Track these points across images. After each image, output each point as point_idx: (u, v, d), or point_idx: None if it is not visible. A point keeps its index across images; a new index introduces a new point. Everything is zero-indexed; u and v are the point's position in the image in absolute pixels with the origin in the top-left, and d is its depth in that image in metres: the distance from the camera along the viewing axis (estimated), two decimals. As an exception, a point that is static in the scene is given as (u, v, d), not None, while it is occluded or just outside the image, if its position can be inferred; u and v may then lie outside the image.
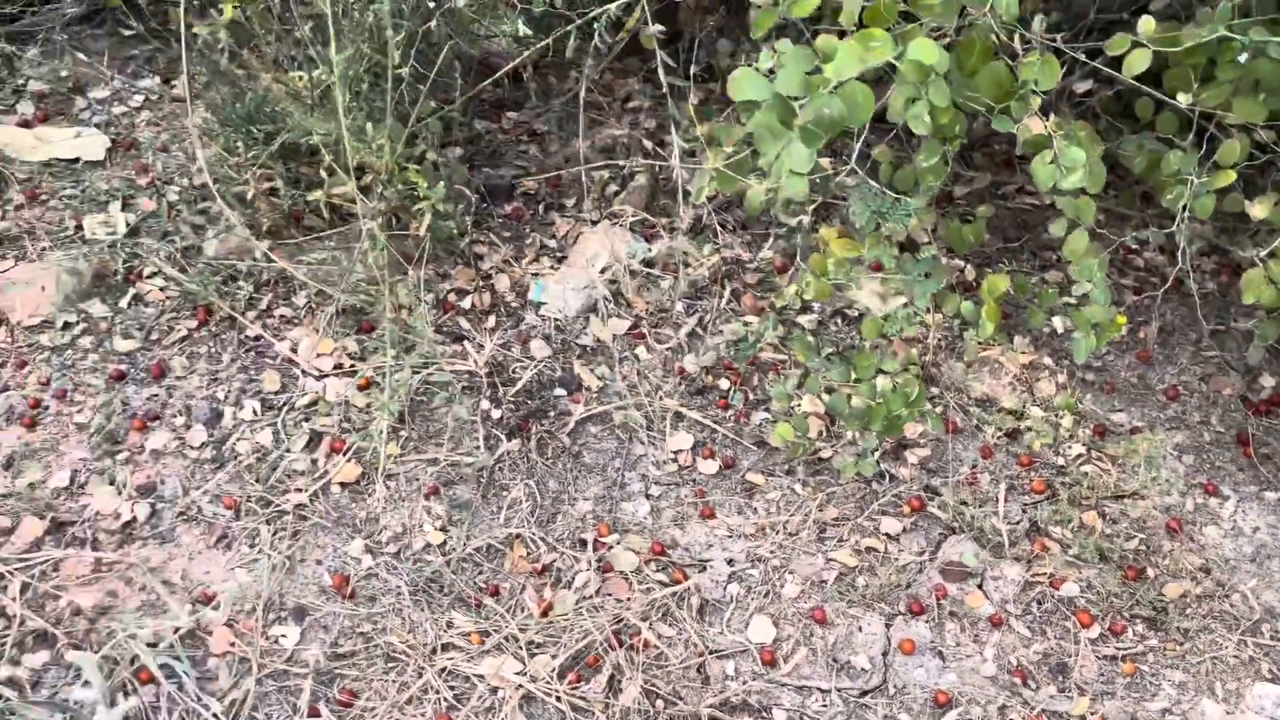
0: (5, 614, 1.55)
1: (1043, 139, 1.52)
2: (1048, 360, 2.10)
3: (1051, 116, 1.50)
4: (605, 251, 2.26)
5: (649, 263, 2.27)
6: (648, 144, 2.54)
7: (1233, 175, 1.62)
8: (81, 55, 2.68)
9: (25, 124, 2.49)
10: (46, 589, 1.59)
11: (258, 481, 1.79)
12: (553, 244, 2.34)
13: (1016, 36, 1.52)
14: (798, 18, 1.54)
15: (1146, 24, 1.41)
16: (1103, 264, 1.64)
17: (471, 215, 2.33)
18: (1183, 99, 1.54)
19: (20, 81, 2.62)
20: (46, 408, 1.89)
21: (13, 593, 1.58)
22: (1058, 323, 2.16)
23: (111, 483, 1.77)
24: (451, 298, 2.16)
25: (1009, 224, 2.40)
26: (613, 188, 2.49)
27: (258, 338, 2.04)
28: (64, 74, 2.63)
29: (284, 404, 1.92)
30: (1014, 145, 1.76)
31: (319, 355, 2.01)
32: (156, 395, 1.92)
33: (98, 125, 2.52)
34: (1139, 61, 1.43)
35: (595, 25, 2.05)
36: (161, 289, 2.12)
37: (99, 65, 2.66)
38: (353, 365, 1.99)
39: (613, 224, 2.38)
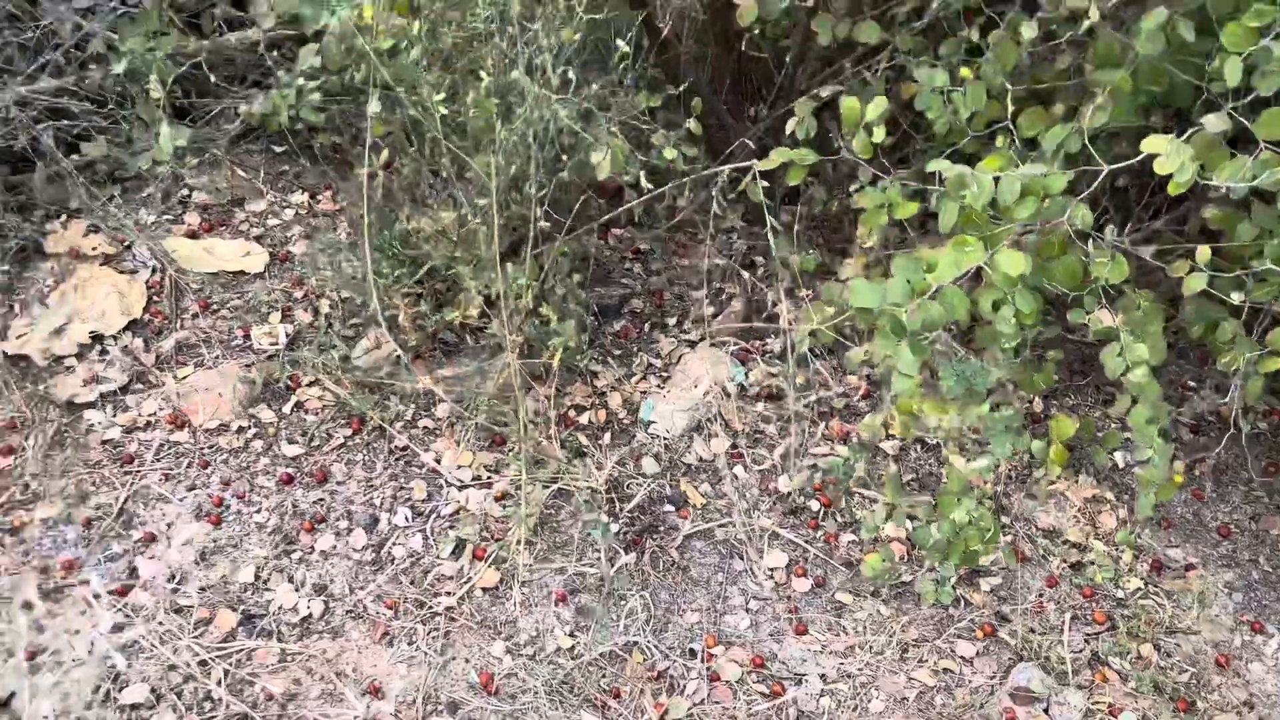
0: (211, 697, 1.84)
1: (1111, 330, 1.76)
2: (1109, 495, 2.31)
3: (1120, 315, 1.74)
4: (706, 374, 2.53)
5: (744, 385, 2.54)
6: (745, 274, 2.81)
7: (1277, 362, 1.84)
8: (239, 170, 3.02)
9: (192, 234, 2.84)
10: (243, 676, 1.88)
11: (412, 584, 2.07)
12: (658, 363, 2.62)
13: (1090, 241, 1.77)
14: (901, 218, 1.80)
15: (1203, 253, 1.65)
16: (1164, 431, 1.86)
17: (587, 334, 2.61)
18: (1235, 297, 1.77)
19: (185, 193, 2.97)
20: (229, 506, 2.19)
21: (216, 677, 1.87)
22: (1119, 457, 2.38)
23: (290, 580, 2.06)
24: (571, 414, 2.43)
25: (1075, 358, 2.62)
26: (710, 309, 2.77)
27: (405, 448, 2.33)
28: (222, 186, 2.98)
29: (431, 511, 2.20)
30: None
31: (459, 467, 2.29)
32: (321, 500, 2.22)
33: (257, 238, 2.86)
34: (1196, 283, 1.66)
35: (712, 187, 2.33)
36: (319, 398, 2.43)
37: (255, 180, 3.01)
38: (489, 477, 2.27)
39: (711, 344, 2.65)
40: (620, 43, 2.42)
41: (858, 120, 1.80)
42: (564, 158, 2.39)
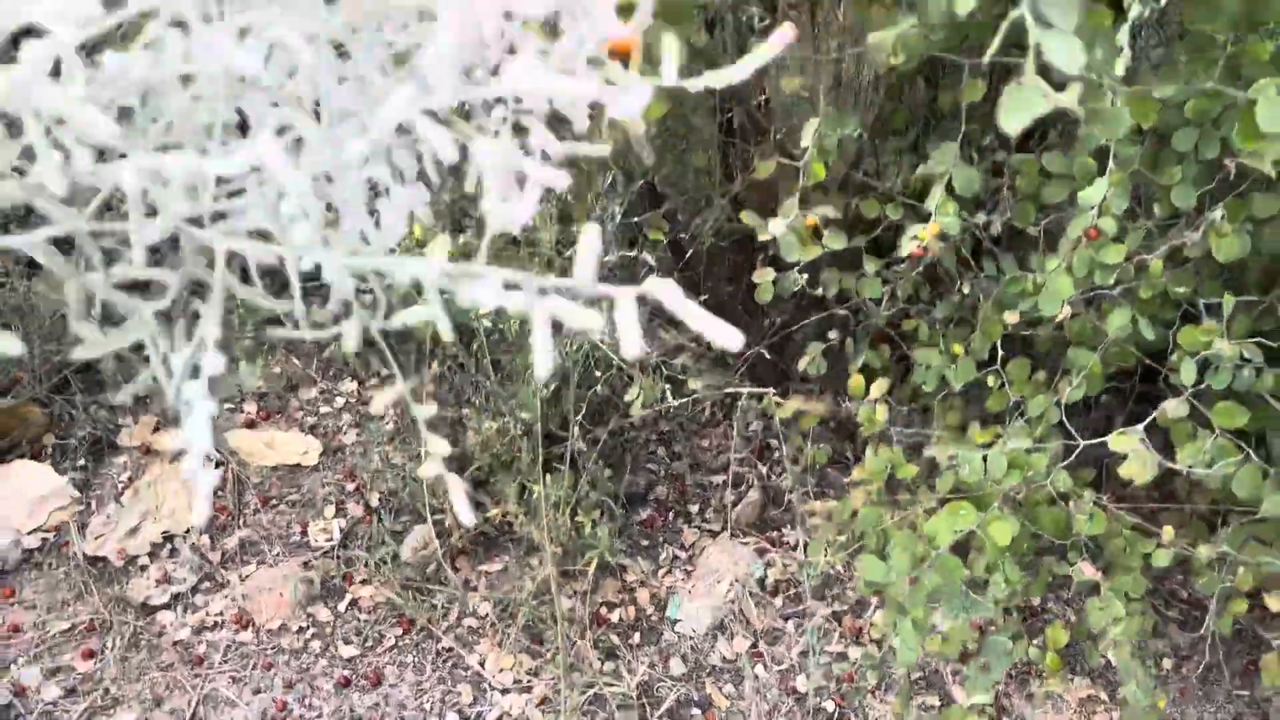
0: None
1: (1094, 582, 1.97)
2: (1103, 694, 2.50)
3: (1101, 573, 1.95)
4: (728, 569, 2.74)
5: (763, 580, 2.74)
6: (760, 466, 3.04)
7: (1244, 604, 2.04)
8: (293, 357, 3.29)
9: (251, 424, 3.08)
10: None
11: (462, 793, 2.26)
12: (682, 555, 2.83)
13: (1071, 502, 1.99)
14: (904, 477, 2.03)
15: (1168, 532, 1.87)
16: (1145, 666, 2.06)
17: (616, 524, 2.83)
18: (1204, 550, 1.98)
19: (242, 379, 3.22)
20: (291, 710, 2.39)
21: None
22: (1113, 655, 2.56)
23: (350, 790, 2.25)
24: (603, 611, 2.64)
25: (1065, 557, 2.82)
26: (730, 496, 2.99)
27: (450, 649, 2.54)
28: (277, 370, 3.23)
29: (477, 717, 2.40)
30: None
31: (501, 670, 2.49)
32: (376, 704, 2.42)
33: (311, 427, 3.10)
34: (1161, 559, 1.88)
35: (734, 407, 2.58)
36: (371, 596, 2.65)
37: (307, 367, 3.27)
38: (530, 681, 2.47)
39: (732, 535, 2.86)
40: (648, 258, 2.70)
41: (863, 393, 2.05)
42: (598, 372, 2.65)
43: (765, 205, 2.78)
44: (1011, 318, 1.99)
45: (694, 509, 2.96)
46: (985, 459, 1.88)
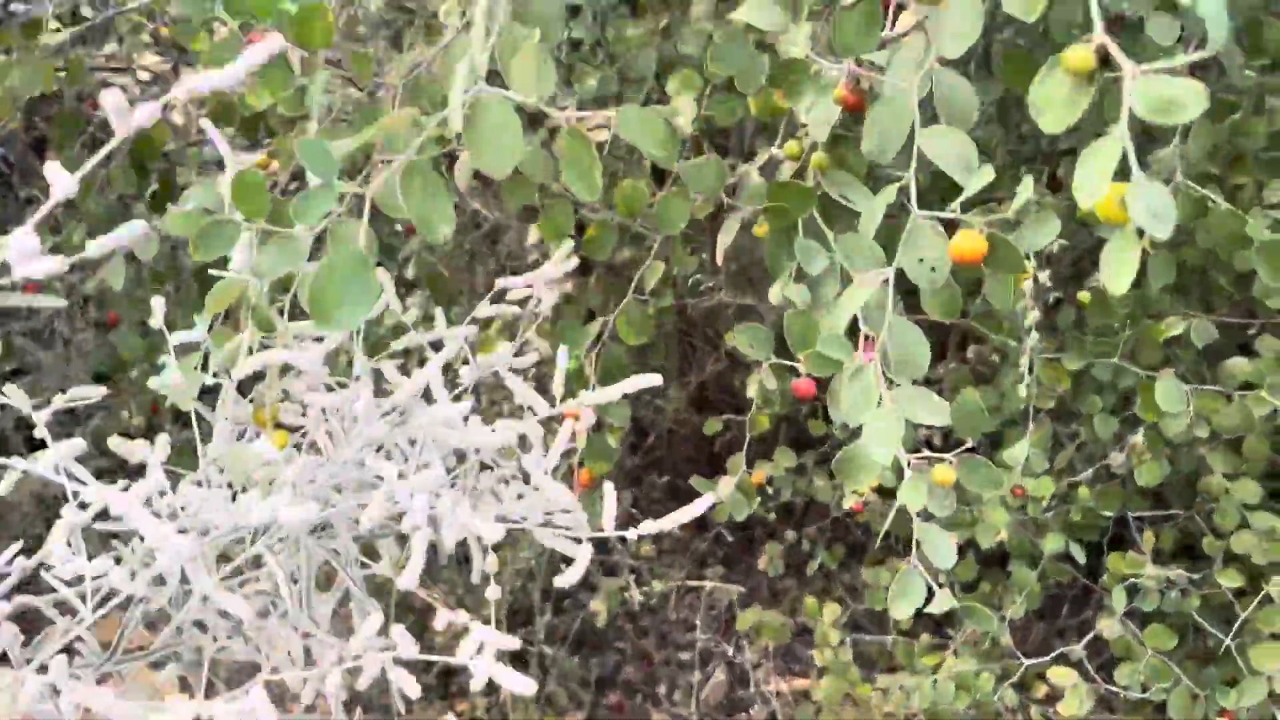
0: None
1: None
2: None
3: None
4: (696, 759, 2.78)
5: (732, 770, 2.78)
6: (727, 647, 3.10)
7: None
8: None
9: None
10: None
11: None
12: (651, 744, 2.86)
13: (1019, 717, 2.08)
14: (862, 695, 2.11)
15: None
16: None
17: (584, 712, 2.87)
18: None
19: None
20: None
21: None
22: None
23: None
24: (575, 810, 2.66)
25: None
26: (697, 675, 3.03)
27: None
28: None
29: None
30: None
31: None
32: None
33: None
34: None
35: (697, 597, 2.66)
36: (342, 800, 2.65)
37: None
38: None
39: (699, 720, 2.90)
40: (612, 441, 2.80)
41: (818, 612, 2.14)
42: (563, 565, 2.73)
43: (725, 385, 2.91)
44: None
45: (662, 690, 3.01)
46: (934, 684, 1.97)
